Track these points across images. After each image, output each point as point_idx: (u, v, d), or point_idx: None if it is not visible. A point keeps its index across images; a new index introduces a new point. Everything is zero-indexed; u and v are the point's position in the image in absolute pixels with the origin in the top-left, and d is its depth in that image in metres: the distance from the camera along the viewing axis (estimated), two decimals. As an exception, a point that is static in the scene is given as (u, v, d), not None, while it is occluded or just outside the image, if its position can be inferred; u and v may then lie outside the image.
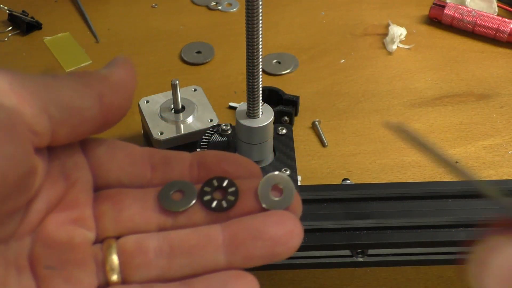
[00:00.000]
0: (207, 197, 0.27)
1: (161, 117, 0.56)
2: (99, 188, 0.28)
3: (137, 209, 0.27)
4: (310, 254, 0.46)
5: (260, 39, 0.40)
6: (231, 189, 0.27)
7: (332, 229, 0.44)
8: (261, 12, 0.39)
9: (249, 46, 0.40)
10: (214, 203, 0.27)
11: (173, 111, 0.56)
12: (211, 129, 0.49)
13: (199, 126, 0.55)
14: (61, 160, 0.26)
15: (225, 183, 0.28)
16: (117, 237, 0.27)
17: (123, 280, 0.26)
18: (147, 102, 0.57)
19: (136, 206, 0.27)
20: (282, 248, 0.26)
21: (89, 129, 0.26)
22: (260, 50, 0.41)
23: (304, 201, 0.45)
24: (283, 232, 0.26)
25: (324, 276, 0.51)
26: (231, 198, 0.27)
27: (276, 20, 0.79)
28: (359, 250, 0.46)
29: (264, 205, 0.27)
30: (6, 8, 0.78)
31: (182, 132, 0.55)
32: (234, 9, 0.82)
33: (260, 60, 0.41)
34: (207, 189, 0.28)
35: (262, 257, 0.26)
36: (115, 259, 0.26)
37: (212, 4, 0.82)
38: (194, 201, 0.27)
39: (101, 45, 0.76)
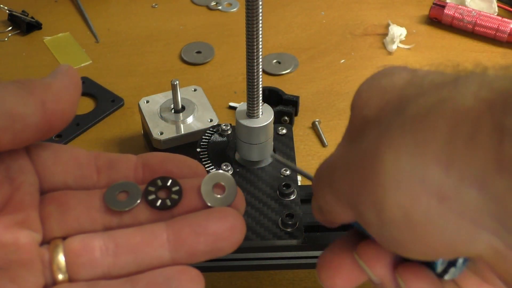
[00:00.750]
0: (151, 196, 0.28)
1: (161, 117, 0.56)
2: (46, 191, 0.28)
3: (83, 210, 0.28)
4: (310, 254, 0.46)
5: (260, 39, 0.40)
6: (175, 188, 0.28)
7: (332, 229, 0.44)
8: (261, 12, 0.39)
9: (249, 46, 0.40)
10: (159, 202, 0.28)
11: (173, 111, 0.56)
12: (211, 129, 0.49)
13: (199, 126, 0.55)
14: (5, 164, 0.27)
15: (169, 183, 0.28)
16: (64, 238, 0.27)
17: (70, 279, 0.27)
18: (147, 102, 0.57)
19: (81, 207, 0.28)
20: (225, 243, 0.27)
21: (33, 135, 0.26)
22: (260, 50, 0.41)
23: (304, 201, 0.46)
24: (225, 227, 0.27)
25: (324, 276, 0.51)
26: (175, 196, 0.28)
27: (276, 20, 0.79)
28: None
29: (207, 203, 0.28)
30: (6, 8, 0.78)
31: (182, 132, 0.55)
32: (234, 9, 0.82)
33: (260, 60, 0.41)
34: (151, 188, 0.28)
35: (205, 252, 0.27)
36: (61, 258, 0.26)
37: (212, 4, 0.82)
38: (139, 201, 0.28)
39: (101, 45, 0.76)
